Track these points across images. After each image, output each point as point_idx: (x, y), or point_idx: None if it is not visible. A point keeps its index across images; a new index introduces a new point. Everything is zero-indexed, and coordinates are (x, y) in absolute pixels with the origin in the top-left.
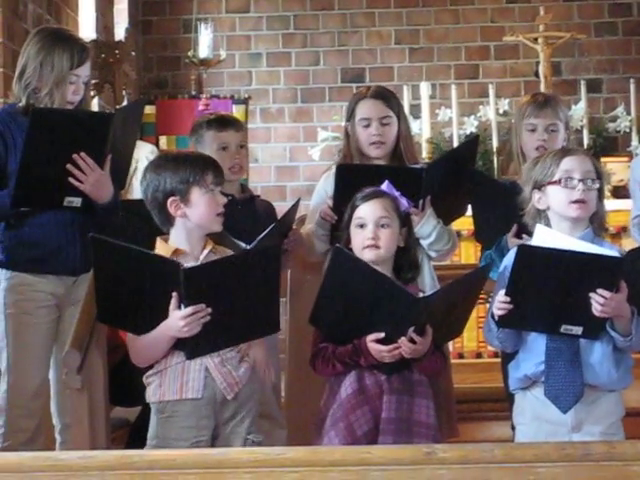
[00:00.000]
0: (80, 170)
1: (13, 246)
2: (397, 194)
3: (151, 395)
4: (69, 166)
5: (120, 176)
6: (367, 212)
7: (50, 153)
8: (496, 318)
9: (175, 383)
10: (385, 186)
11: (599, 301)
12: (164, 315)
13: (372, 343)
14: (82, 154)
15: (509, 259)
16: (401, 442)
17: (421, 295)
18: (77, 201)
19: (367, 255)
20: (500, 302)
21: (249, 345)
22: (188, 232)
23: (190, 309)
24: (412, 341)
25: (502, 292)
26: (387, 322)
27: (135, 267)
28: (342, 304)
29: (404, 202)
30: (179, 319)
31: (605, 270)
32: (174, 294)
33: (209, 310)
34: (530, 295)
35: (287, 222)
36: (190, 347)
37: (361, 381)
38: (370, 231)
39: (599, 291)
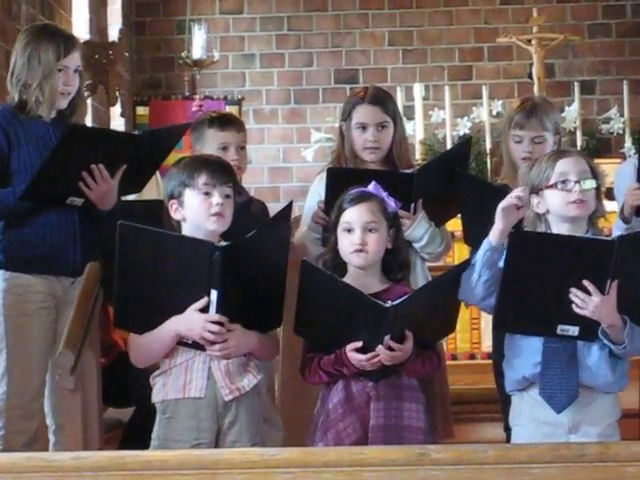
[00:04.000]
0: (93, 178)
1: (12, 246)
2: (384, 195)
3: (155, 395)
4: (84, 174)
5: (141, 181)
6: (354, 216)
7: (72, 162)
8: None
9: (178, 381)
10: (372, 187)
11: (580, 296)
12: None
13: (352, 353)
14: (100, 166)
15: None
16: None
17: (389, 303)
18: (79, 201)
19: (355, 260)
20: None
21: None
22: (193, 234)
23: (218, 316)
24: (391, 348)
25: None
26: (363, 331)
27: (165, 252)
28: (318, 315)
29: (391, 203)
30: (204, 322)
31: (598, 254)
32: (205, 299)
33: (232, 327)
34: (524, 287)
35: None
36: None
37: (348, 389)
38: (357, 236)
39: (585, 282)
